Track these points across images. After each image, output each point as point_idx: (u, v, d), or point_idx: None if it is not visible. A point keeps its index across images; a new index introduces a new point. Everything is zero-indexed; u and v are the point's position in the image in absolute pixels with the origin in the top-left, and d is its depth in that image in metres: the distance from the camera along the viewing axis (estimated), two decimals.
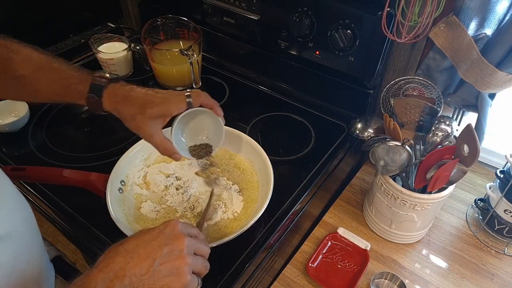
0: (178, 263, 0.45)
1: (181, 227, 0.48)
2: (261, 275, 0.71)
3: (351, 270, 0.77)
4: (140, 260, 0.44)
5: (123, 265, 0.43)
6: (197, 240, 0.50)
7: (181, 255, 0.45)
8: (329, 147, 0.87)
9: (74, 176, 0.69)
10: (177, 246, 0.46)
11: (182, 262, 0.45)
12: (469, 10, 0.68)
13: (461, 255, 0.80)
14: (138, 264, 0.43)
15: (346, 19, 0.81)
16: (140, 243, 0.46)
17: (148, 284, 0.43)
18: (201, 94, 0.61)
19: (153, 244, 0.45)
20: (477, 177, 0.96)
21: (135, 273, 0.43)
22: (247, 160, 0.78)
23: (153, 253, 0.44)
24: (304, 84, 0.99)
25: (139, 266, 0.43)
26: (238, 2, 0.96)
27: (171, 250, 0.45)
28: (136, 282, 0.43)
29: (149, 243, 0.45)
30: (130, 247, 0.45)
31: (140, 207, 0.69)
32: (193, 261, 0.47)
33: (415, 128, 0.78)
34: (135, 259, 0.44)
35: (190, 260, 0.46)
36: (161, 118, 0.58)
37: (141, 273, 0.43)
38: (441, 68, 0.78)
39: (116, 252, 0.45)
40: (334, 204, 0.90)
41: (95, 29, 1.25)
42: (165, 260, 0.45)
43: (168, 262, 0.45)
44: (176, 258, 0.45)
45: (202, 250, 0.50)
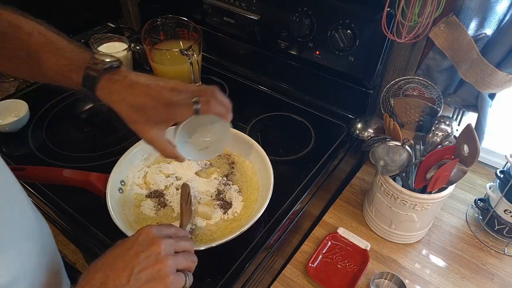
0: (158, 266, 0.45)
1: (155, 231, 0.48)
2: (261, 275, 0.71)
3: (351, 270, 0.77)
4: (119, 272, 0.44)
5: (103, 279, 0.43)
6: (176, 238, 0.49)
7: (159, 258, 0.45)
8: (329, 147, 0.87)
9: (74, 176, 0.69)
10: (153, 250, 0.46)
11: (161, 264, 0.45)
12: (469, 10, 0.68)
13: (461, 255, 0.80)
14: (118, 276, 0.43)
15: (346, 19, 0.81)
16: (117, 255, 0.46)
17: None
18: (212, 101, 0.54)
19: (129, 253, 0.45)
20: (477, 177, 0.96)
21: (116, 285, 0.43)
22: (247, 160, 0.78)
23: (130, 263, 0.44)
24: (304, 84, 0.99)
25: (119, 278, 0.43)
26: (238, 2, 0.96)
27: (148, 255, 0.45)
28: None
29: (125, 254, 0.45)
30: (107, 261, 0.45)
31: (140, 205, 0.69)
32: (175, 260, 0.46)
33: (415, 128, 0.78)
34: (114, 272, 0.44)
35: (170, 260, 0.46)
36: (165, 124, 0.54)
37: (121, 283, 0.43)
38: (441, 68, 0.78)
39: (95, 268, 0.45)
40: (334, 204, 0.90)
41: (95, 29, 1.25)
42: (144, 266, 0.44)
43: (147, 268, 0.44)
44: (154, 263, 0.45)
45: (183, 246, 0.49)
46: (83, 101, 0.99)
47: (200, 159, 0.67)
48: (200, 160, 0.66)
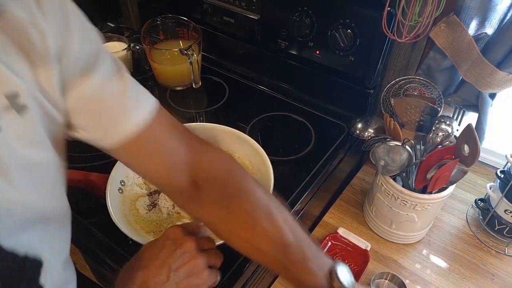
0: (193, 262, 0.47)
1: (182, 230, 0.50)
2: (261, 275, 0.71)
3: (352, 270, 0.77)
4: (158, 270, 0.46)
5: (144, 277, 0.45)
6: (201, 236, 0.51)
7: (193, 254, 0.48)
8: (329, 147, 0.87)
9: (74, 176, 0.69)
10: (187, 247, 0.48)
11: (196, 260, 0.47)
12: (469, 10, 0.68)
13: (461, 255, 0.80)
14: (157, 274, 0.45)
15: (347, 18, 0.81)
16: (151, 255, 0.47)
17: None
18: None
19: (163, 252, 0.47)
20: (478, 177, 0.96)
21: (157, 282, 0.45)
22: (247, 160, 0.78)
23: (167, 260, 0.46)
24: (304, 84, 0.99)
25: (159, 276, 0.45)
26: (238, 2, 0.96)
27: (182, 252, 0.47)
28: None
29: (159, 252, 0.47)
30: (143, 263, 0.47)
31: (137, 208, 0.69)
32: (206, 256, 0.49)
33: (415, 128, 0.78)
34: (153, 270, 0.46)
35: (204, 257, 0.48)
36: None
37: (162, 281, 0.45)
38: (442, 68, 0.78)
39: (132, 270, 0.47)
40: (334, 204, 0.90)
41: None
42: (180, 263, 0.47)
43: (184, 265, 0.47)
44: (190, 259, 0.47)
45: (208, 244, 0.52)
46: None
47: None
48: None
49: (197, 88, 0.97)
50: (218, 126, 0.80)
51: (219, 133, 0.80)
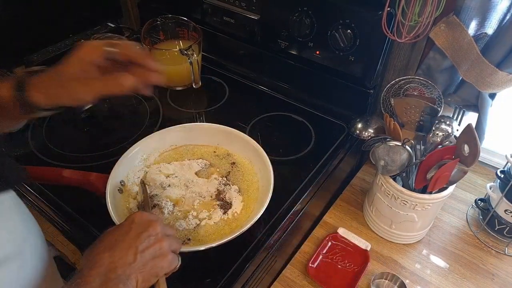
0: (158, 245, 0.49)
1: (147, 215, 0.52)
2: (261, 275, 0.71)
3: (352, 270, 0.77)
4: (125, 252, 0.47)
5: (111, 259, 0.46)
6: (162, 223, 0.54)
7: (158, 238, 0.50)
8: (329, 147, 0.87)
9: (74, 176, 0.69)
10: (152, 231, 0.50)
11: (161, 243, 0.50)
12: (469, 10, 0.68)
13: (461, 255, 0.80)
14: (125, 256, 0.47)
15: (346, 18, 0.81)
16: (118, 237, 0.49)
17: (139, 269, 0.47)
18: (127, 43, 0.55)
19: (130, 234, 0.49)
20: (478, 177, 0.96)
21: (124, 262, 0.46)
22: (247, 160, 0.78)
23: (134, 242, 0.48)
24: (304, 84, 0.99)
25: (125, 256, 0.47)
26: (238, 2, 0.96)
27: (148, 235, 0.49)
28: (128, 270, 0.46)
29: (126, 235, 0.49)
30: (109, 244, 0.48)
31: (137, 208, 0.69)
32: (169, 241, 0.51)
33: (415, 128, 0.78)
34: (119, 252, 0.47)
35: (167, 240, 0.51)
36: None
37: (129, 261, 0.46)
38: (442, 68, 0.78)
39: (97, 251, 0.47)
40: (334, 204, 0.90)
41: (95, 29, 1.25)
42: (146, 245, 0.48)
43: (150, 247, 0.49)
44: (155, 242, 0.49)
45: (170, 231, 0.54)
46: None
47: None
48: None
49: (197, 88, 0.97)
50: (218, 126, 0.80)
51: (219, 133, 0.80)
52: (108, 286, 0.44)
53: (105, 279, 0.44)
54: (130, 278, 0.46)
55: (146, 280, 0.47)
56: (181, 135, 0.80)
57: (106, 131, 0.91)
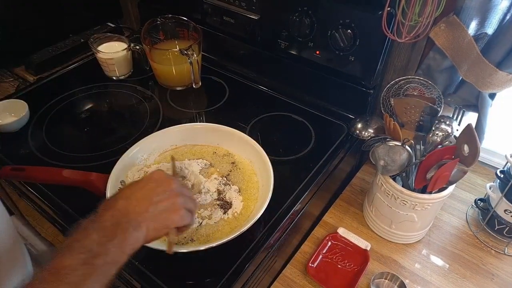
0: (172, 200, 0.52)
1: (165, 173, 0.55)
2: (261, 275, 0.71)
3: (351, 270, 0.77)
4: (139, 202, 0.50)
5: (126, 206, 0.49)
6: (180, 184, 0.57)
7: (173, 193, 0.53)
8: (329, 147, 0.87)
9: (74, 176, 0.69)
10: (168, 186, 0.53)
11: (175, 199, 0.52)
12: (469, 10, 0.68)
13: (461, 255, 0.80)
14: (138, 204, 0.50)
15: (346, 18, 0.81)
16: (135, 190, 0.52)
17: (150, 219, 0.50)
18: None
19: (146, 187, 0.52)
20: (477, 177, 0.96)
21: (137, 211, 0.49)
22: (247, 160, 0.78)
23: (149, 195, 0.51)
24: (304, 84, 0.99)
25: (139, 206, 0.50)
26: (238, 2, 0.96)
27: (163, 190, 0.52)
28: (139, 218, 0.49)
29: (142, 187, 0.52)
30: (126, 194, 0.52)
31: None
32: (184, 199, 0.54)
33: (415, 128, 0.78)
34: (134, 201, 0.50)
35: (182, 197, 0.53)
36: None
37: (141, 211, 0.50)
38: (442, 68, 0.78)
39: (115, 198, 0.51)
40: (334, 204, 0.90)
41: (95, 29, 1.25)
42: (160, 199, 0.51)
43: (163, 201, 0.52)
44: (169, 197, 0.52)
45: (187, 191, 0.56)
46: (83, 101, 0.99)
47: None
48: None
49: (197, 88, 0.97)
50: (218, 126, 0.80)
51: (219, 133, 0.80)
52: (119, 227, 0.47)
53: (117, 221, 0.48)
54: (140, 225, 0.49)
55: (156, 229, 0.50)
56: (181, 135, 0.80)
57: (106, 131, 0.91)
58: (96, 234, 0.46)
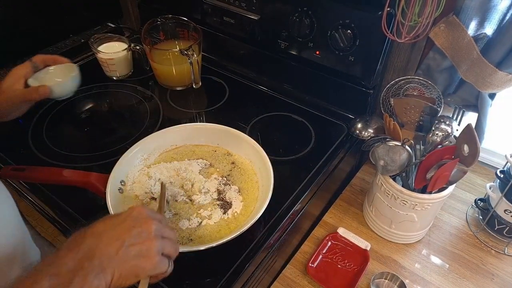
0: (147, 244, 0.46)
1: (147, 211, 0.50)
2: (261, 275, 0.71)
3: (351, 270, 0.77)
4: (110, 242, 0.45)
5: (93, 246, 0.44)
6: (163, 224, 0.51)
7: (150, 237, 0.47)
8: (329, 147, 0.87)
9: (74, 176, 0.69)
10: (145, 228, 0.47)
11: (151, 243, 0.46)
12: (469, 10, 0.68)
13: (461, 255, 0.80)
14: (108, 246, 0.44)
15: (346, 19, 0.81)
16: (109, 226, 0.47)
17: (118, 264, 0.44)
18: (39, 55, 0.78)
19: (122, 226, 0.46)
20: (477, 177, 0.96)
21: (105, 253, 0.44)
22: (247, 160, 0.78)
23: (122, 235, 0.45)
24: (304, 84, 0.99)
25: (109, 248, 0.44)
26: (238, 2, 0.96)
27: (139, 232, 0.46)
28: (105, 262, 0.43)
29: (117, 226, 0.47)
30: (98, 230, 0.46)
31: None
32: (162, 243, 0.48)
33: (415, 128, 0.78)
34: (105, 241, 0.45)
35: (159, 242, 0.47)
36: (16, 83, 0.73)
37: (110, 254, 0.44)
38: (441, 68, 0.78)
39: (85, 234, 0.46)
40: (334, 204, 0.90)
41: (95, 29, 1.25)
42: (134, 242, 0.46)
43: (137, 244, 0.46)
44: (145, 240, 0.46)
45: (169, 234, 0.51)
46: (83, 101, 0.99)
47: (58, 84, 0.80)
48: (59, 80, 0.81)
49: (197, 88, 0.97)
50: (218, 126, 0.80)
51: (219, 133, 0.80)
52: (78, 274, 0.42)
53: (77, 265, 0.42)
54: (105, 271, 0.43)
55: (124, 277, 0.44)
56: (181, 135, 0.80)
57: (106, 131, 0.92)
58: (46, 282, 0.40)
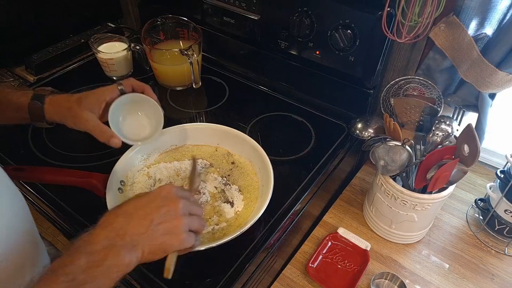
0: (175, 223, 0.49)
1: (175, 190, 0.52)
2: (261, 275, 0.71)
3: (351, 270, 0.77)
4: (139, 221, 0.48)
5: (124, 225, 0.47)
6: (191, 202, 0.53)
7: (177, 215, 0.50)
8: (329, 147, 0.87)
9: (74, 176, 0.69)
10: (173, 207, 0.50)
11: (178, 222, 0.49)
12: (469, 10, 0.68)
13: (461, 255, 0.80)
14: (137, 224, 0.48)
15: (346, 19, 0.81)
16: (138, 205, 0.50)
17: (148, 241, 0.47)
18: (130, 79, 0.69)
19: (150, 205, 0.50)
20: (477, 177, 0.96)
21: (135, 232, 0.47)
22: (247, 160, 0.78)
23: (151, 214, 0.49)
24: (304, 84, 0.99)
25: (138, 226, 0.47)
26: (238, 2, 0.96)
27: (167, 211, 0.49)
28: (136, 240, 0.47)
29: (146, 205, 0.50)
30: (129, 209, 0.49)
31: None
32: (189, 221, 0.51)
33: (415, 128, 0.78)
34: (135, 220, 0.48)
35: (186, 220, 0.50)
36: (96, 106, 0.64)
37: (140, 232, 0.47)
38: (441, 68, 0.78)
39: (116, 214, 0.49)
40: (334, 204, 0.90)
41: (95, 29, 1.25)
42: (162, 220, 0.49)
43: (165, 222, 0.49)
44: (172, 218, 0.49)
45: (196, 210, 0.54)
46: None
47: (137, 142, 0.71)
48: (138, 142, 0.71)
49: (197, 88, 0.97)
50: (218, 126, 0.80)
51: (219, 133, 0.80)
52: (112, 251, 0.45)
53: (111, 243, 0.45)
54: (136, 248, 0.46)
55: (153, 253, 0.48)
56: (181, 135, 0.80)
57: None
58: (84, 259, 0.44)
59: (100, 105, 0.64)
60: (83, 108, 0.62)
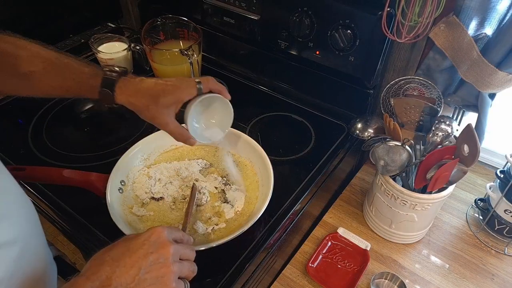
0: (164, 271, 0.46)
1: (167, 233, 0.49)
2: (261, 275, 0.71)
3: (351, 270, 0.77)
4: (126, 269, 0.44)
5: (110, 274, 0.44)
6: (182, 245, 0.50)
7: (167, 263, 0.46)
8: (329, 147, 0.87)
9: (74, 176, 0.69)
10: (162, 254, 0.46)
11: (167, 270, 0.46)
12: (469, 10, 0.68)
13: (461, 255, 0.80)
14: (124, 273, 0.44)
15: (346, 19, 0.81)
16: (126, 251, 0.46)
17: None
18: (210, 79, 0.64)
19: (139, 252, 0.46)
20: (477, 177, 0.96)
21: (121, 282, 0.44)
22: (247, 160, 0.78)
23: (139, 262, 0.45)
24: (304, 84, 0.99)
25: (125, 275, 0.44)
26: (238, 2, 0.96)
27: (156, 258, 0.46)
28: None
29: (135, 252, 0.46)
30: (116, 256, 0.46)
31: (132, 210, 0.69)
32: (179, 268, 0.47)
33: (415, 128, 0.78)
34: (121, 268, 0.44)
35: (176, 267, 0.47)
36: (174, 105, 0.61)
37: (126, 282, 0.44)
38: (441, 68, 0.78)
39: (103, 260, 0.45)
40: (334, 204, 0.90)
41: (95, 29, 1.25)
42: (151, 269, 0.45)
43: (153, 271, 0.45)
44: (161, 267, 0.46)
45: (188, 255, 0.50)
46: (83, 101, 0.99)
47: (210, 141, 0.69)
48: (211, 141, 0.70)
49: None
50: None
51: None
52: None
53: None
54: None
55: None
56: None
57: (106, 131, 0.91)
58: None
59: (177, 106, 0.62)
60: (160, 107, 0.60)
